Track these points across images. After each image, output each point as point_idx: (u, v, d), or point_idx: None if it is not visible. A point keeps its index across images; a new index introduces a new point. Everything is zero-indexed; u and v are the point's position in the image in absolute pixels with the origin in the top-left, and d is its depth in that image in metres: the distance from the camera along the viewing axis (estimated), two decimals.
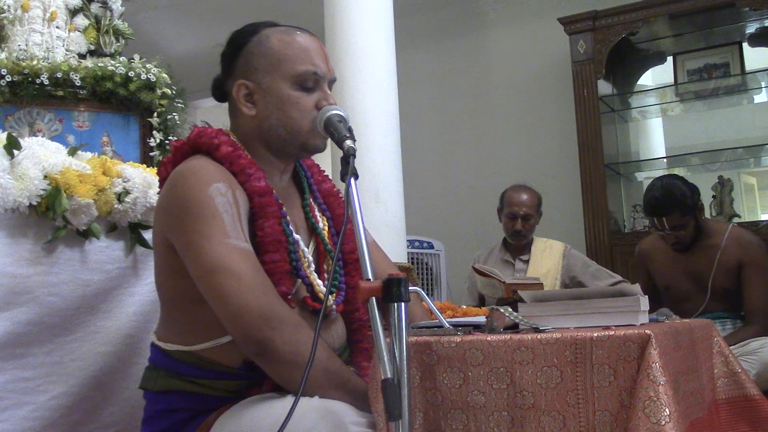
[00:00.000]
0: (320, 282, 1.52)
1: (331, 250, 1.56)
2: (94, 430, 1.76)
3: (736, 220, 4.38)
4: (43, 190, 1.67)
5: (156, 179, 1.85)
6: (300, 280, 1.48)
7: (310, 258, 1.51)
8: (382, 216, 3.65)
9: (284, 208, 1.48)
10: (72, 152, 1.86)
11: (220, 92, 1.58)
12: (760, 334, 2.89)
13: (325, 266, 1.56)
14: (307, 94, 1.50)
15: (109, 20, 2.76)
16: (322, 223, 1.60)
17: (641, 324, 1.35)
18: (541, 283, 3.20)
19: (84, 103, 2.54)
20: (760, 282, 2.98)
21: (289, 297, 1.41)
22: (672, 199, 2.96)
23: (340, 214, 1.62)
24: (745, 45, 4.61)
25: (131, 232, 1.85)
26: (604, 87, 4.70)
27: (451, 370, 1.28)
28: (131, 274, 1.85)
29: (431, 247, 4.74)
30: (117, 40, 2.77)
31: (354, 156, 1.34)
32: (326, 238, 1.58)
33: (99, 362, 1.76)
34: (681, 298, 3.12)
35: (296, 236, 1.49)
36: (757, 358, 2.76)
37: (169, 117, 2.62)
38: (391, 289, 1.15)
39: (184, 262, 1.40)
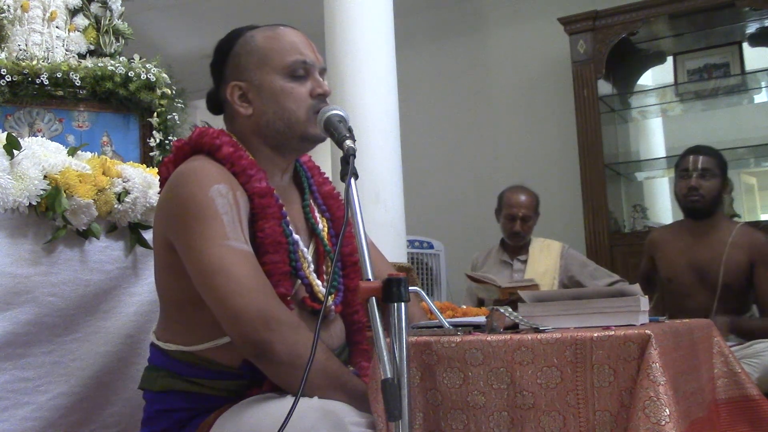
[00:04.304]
0: (319, 282, 1.52)
1: (330, 251, 1.56)
2: (94, 431, 1.76)
3: (736, 220, 4.37)
4: (43, 190, 1.67)
5: (156, 179, 1.85)
6: (299, 281, 1.48)
7: (310, 259, 1.51)
8: (382, 216, 3.64)
9: (284, 209, 1.48)
10: (72, 152, 1.86)
11: (215, 103, 1.58)
12: None
13: (324, 267, 1.56)
14: (300, 84, 1.50)
15: (109, 20, 2.75)
16: (322, 224, 1.59)
17: (641, 324, 1.34)
18: (537, 285, 3.19)
19: (84, 103, 2.53)
20: None
21: (288, 298, 1.41)
22: (713, 150, 3.12)
23: (340, 216, 1.62)
24: (745, 45, 4.61)
25: (131, 232, 1.85)
26: (604, 87, 4.70)
27: (451, 370, 1.28)
28: (131, 274, 1.85)
29: (431, 247, 4.73)
30: (117, 40, 2.76)
31: (354, 156, 1.34)
32: (325, 239, 1.57)
33: (99, 362, 1.76)
34: (684, 293, 3.09)
35: (296, 237, 1.49)
36: (759, 361, 2.73)
37: (169, 117, 2.62)
38: (391, 289, 1.15)
39: (183, 262, 1.40)
